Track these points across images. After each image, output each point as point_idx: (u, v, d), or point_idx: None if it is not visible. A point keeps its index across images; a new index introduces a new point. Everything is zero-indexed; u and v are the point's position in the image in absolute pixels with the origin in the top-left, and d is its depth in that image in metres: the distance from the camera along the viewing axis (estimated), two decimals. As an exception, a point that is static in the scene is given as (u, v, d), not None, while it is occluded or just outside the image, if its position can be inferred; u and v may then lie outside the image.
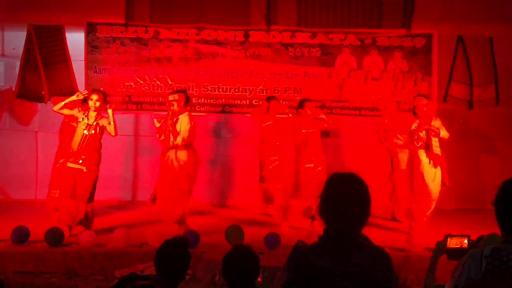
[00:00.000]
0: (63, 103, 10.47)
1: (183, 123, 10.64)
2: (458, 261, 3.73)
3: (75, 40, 12.79)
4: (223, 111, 13.09)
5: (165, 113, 11.19)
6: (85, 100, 10.74)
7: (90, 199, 10.59)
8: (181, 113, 10.75)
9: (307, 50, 13.02)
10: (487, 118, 12.99)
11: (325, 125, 11.39)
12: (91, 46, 12.89)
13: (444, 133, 10.67)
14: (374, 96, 12.85)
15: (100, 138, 10.65)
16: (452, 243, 4.10)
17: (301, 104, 11.38)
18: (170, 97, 10.93)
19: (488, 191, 9.16)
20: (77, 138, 10.44)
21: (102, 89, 11.51)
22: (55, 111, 10.60)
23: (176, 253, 4.57)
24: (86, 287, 8.61)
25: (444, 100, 12.45)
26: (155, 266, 4.57)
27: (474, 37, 12.88)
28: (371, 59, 13.09)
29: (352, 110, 12.97)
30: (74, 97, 10.65)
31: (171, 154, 10.60)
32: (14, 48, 12.94)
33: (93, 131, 10.51)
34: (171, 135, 10.60)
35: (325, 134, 11.85)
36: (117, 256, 9.26)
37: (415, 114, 10.94)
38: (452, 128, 11.33)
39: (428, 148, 10.66)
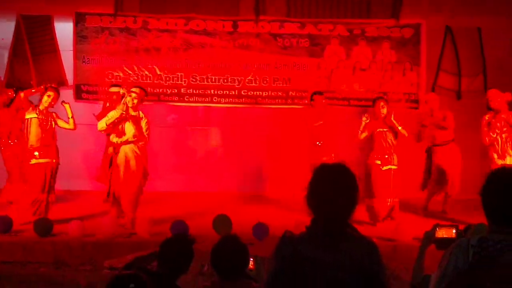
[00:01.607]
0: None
1: (144, 119, 10.49)
2: (445, 250, 3.74)
3: (64, 30, 12.74)
4: (212, 102, 13.07)
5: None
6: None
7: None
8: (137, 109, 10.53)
9: (295, 41, 13.03)
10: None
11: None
12: (79, 36, 12.86)
13: None
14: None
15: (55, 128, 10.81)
16: (441, 233, 4.10)
17: (374, 103, 11.25)
18: (135, 89, 10.65)
19: None
20: (34, 133, 10.53)
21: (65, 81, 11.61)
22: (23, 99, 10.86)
23: (180, 250, 4.58)
24: (75, 277, 8.59)
25: (433, 90, 12.47)
26: (158, 259, 4.58)
27: (463, 28, 12.93)
28: (359, 50, 13.11)
29: (341, 101, 12.98)
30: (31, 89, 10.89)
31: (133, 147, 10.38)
32: (3, 38, 12.86)
33: (53, 124, 10.71)
34: (132, 129, 10.34)
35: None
36: (106, 246, 9.26)
37: (489, 108, 10.93)
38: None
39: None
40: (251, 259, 4.72)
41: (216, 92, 12.98)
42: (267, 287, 3.68)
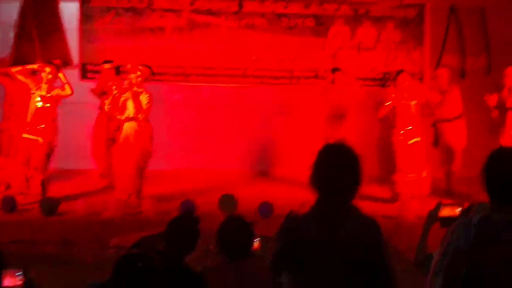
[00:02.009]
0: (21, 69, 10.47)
1: (145, 94, 10.35)
2: (447, 229, 3.77)
3: (70, 9, 12.73)
4: (217, 82, 13.11)
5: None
6: (35, 72, 10.74)
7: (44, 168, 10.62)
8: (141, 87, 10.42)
9: (300, 20, 13.04)
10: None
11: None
12: (85, 15, 12.89)
13: None
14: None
15: (56, 109, 10.65)
16: (445, 211, 4.12)
17: (395, 77, 11.06)
18: (140, 67, 10.59)
19: None
20: (31, 109, 10.44)
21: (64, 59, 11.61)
22: (12, 72, 10.60)
23: (186, 230, 4.61)
24: (82, 255, 8.63)
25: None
26: (164, 239, 4.61)
27: (467, 8, 12.90)
28: (364, 30, 13.13)
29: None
30: (34, 66, 10.64)
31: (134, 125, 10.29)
32: (8, 17, 12.83)
33: (48, 104, 10.51)
34: (132, 106, 10.24)
35: None
36: (113, 225, 9.30)
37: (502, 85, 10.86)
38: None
39: None
40: (257, 240, 4.77)
41: (221, 72, 13.03)
42: (271, 266, 3.74)
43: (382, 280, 3.56)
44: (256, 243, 4.77)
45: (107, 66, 11.72)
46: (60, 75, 10.81)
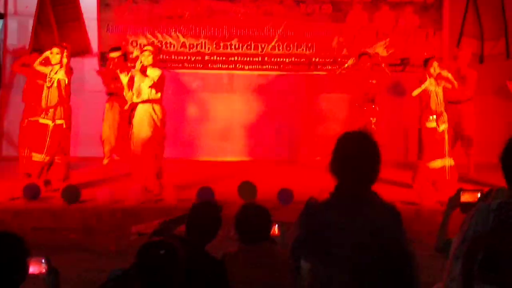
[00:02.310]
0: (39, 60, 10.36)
1: (155, 73, 10.00)
2: (466, 215, 3.80)
3: (88, -2, 12.80)
4: (235, 69, 13.15)
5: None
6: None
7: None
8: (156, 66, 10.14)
9: (318, 7, 13.03)
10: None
11: None
12: (103, 4, 12.97)
13: None
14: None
15: (63, 91, 10.35)
16: (465, 197, 4.14)
17: (426, 63, 10.72)
18: (148, 47, 10.40)
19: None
20: (43, 93, 10.27)
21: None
22: (36, 68, 10.49)
23: (209, 216, 4.66)
24: (105, 242, 8.72)
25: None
26: (186, 226, 4.65)
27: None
28: (382, 15, 13.11)
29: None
30: (48, 53, 10.49)
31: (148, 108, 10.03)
32: (27, 6, 12.92)
33: (55, 84, 10.25)
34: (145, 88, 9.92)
35: None
36: (134, 212, 9.35)
37: None
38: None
39: None
40: (276, 226, 4.82)
41: (239, 59, 13.07)
42: (292, 253, 3.79)
43: (401, 267, 3.60)
44: (276, 229, 4.83)
45: (114, 54, 11.73)
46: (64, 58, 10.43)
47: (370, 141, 3.66)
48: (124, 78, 10.05)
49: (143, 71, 9.87)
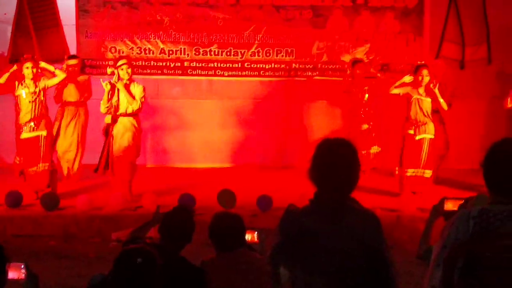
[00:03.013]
0: (7, 75, 10.34)
1: (138, 86, 10.25)
2: (447, 222, 3.81)
3: (66, 4, 12.76)
4: (215, 75, 13.15)
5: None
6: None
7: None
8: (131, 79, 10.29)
9: (298, 12, 13.05)
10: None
11: None
12: (82, 10, 12.93)
13: None
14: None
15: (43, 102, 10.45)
16: (449, 206, 4.16)
17: (416, 70, 10.65)
18: (123, 61, 10.30)
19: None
20: (27, 108, 10.26)
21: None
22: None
23: (181, 223, 4.67)
24: (84, 249, 8.71)
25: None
26: (160, 232, 4.67)
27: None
28: (362, 20, 13.14)
29: (344, 72, 12.98)
30: (14, 68, 10.43)
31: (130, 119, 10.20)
32: (5, 13, 12.91)
33: (42, 98, 10.34)
34: (126, 101, 10.08)
35: None
36: (113, 219, 9.36)
37: None
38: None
39: None
40: (255, 233, 4.83)
41: (219, 65, 13.06)
42: (271, 259, 3.78)
43: (380, 273, 3.60)
44: (255, 235, 4.84)
45: (72, 62, 11.65)
46: (44, 64, 10.61)
47: (349, 148, 3.66)
48: (105, 87, 10.02)
49: (127, 86, 10.03)
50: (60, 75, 10.59)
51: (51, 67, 10.70)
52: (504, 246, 3.55)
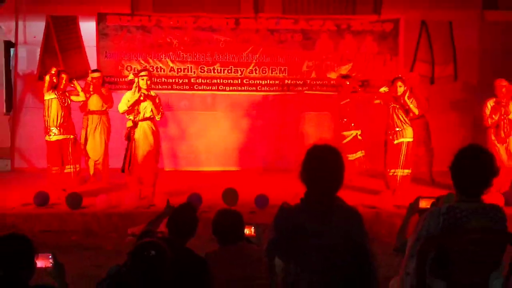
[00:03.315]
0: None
1: (156, 96, 10.16)
2: (420, 217, 3.81)
3: (88, 28, 12.80)
4: (218, 90, 13.18)
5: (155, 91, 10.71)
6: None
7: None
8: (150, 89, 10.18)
9: (290, 35, 13.07)
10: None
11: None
12: (101, 34, 12.92)
13: None
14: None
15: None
16: (423, 204, 4.15)
17: (392, 82, 10.58)
18: (144, 73, 10.20)
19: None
20: (55, 113, 10.54)
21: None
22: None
23: (185, 218, 4.66)
24: (103, 243, 8.68)
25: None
26: (168, 227, 4.66)
27: (436, 22, 12.99)
28: (346, 43, 13.15)
29: (330, 87, 13.06)
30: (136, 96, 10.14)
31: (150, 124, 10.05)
32: (35, 37, 12.93)
33: (68, 101, 10.71)
34: (147, 107, 9.94)
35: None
36: (129, 216, 9.31)
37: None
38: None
39: (497, 127, 10.38)
40: (253, 227, 4.83)
41: (221, 81, 13.09)
42: (267, 252, 3.78)
43: (363, 263, 3.60)
44: (252, 230, 4.83)
45: (95, 74, 11.58)
46: (75, 83, 10.95)
47: (335, 153, 3.66)
48: (132, 97, 9.96)
49: (150, 99, 9.96)
50: (82, 97, 10.95)
51: (79, 88, 10.84)
52: (469, 240, 3.56)
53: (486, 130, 10.52)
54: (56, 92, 10.56)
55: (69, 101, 10.74)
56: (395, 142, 10.26)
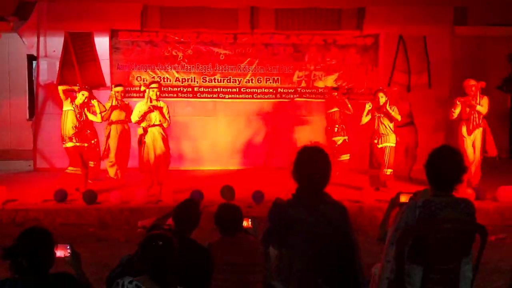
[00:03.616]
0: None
1: (165, 105, 10.16)
2: (399, 210, 3.81)
3: (102, 43, 12.83)
4: (218, 97, 13.22)
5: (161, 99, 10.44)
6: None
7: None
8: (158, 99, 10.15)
9: (282, 49, 13.16)
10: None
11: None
12: (114, 48, 12.97)
13: (483, 109, 10.24)
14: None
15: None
16: (403, 198, 4.15)
17: (374, 93, 10.64)
18: (154, 85, 10.17)
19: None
20: (71, 124, 10.37)
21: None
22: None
23: (189, 212, 4.64)
24: (116, 234, 8.66)
25: (389, 85, 12.52)
26: (173, 220, 4.64)
27: (412, 36, 13.04)
28: (332, 55, 13.24)
29: (319, 95, 13.11)
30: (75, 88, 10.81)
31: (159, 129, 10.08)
32: (54, 51, 12.93)
33: (83, 117, 10.48)
34: (156, 115, 9.97)
35: None
36: (139, 211, 9.29)
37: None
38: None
39: (467, 120, 10.28)
40: (250, 220, 4.82)
41: (221, 90, 13.16)
42: (263, 242, 3.79)
43: (348, 249, 3.60)
44: (249, 222, 4.82)
45: (118, 89, 11.53)
46: (95, 103, 10.69)
47: (323, 153, 3.67)
48: (143, 108, 9.97)
49: (159, 108, 9.98)
50: (98, 118, 10.79)
51: (97, 109, 10.68)
52: (442, 229, 3.57)
53: (458, 123, 10.51)
54: (73, 104, 10.46)
55: (84, 117, 10.53)
56: (379, 146, 10.32)
